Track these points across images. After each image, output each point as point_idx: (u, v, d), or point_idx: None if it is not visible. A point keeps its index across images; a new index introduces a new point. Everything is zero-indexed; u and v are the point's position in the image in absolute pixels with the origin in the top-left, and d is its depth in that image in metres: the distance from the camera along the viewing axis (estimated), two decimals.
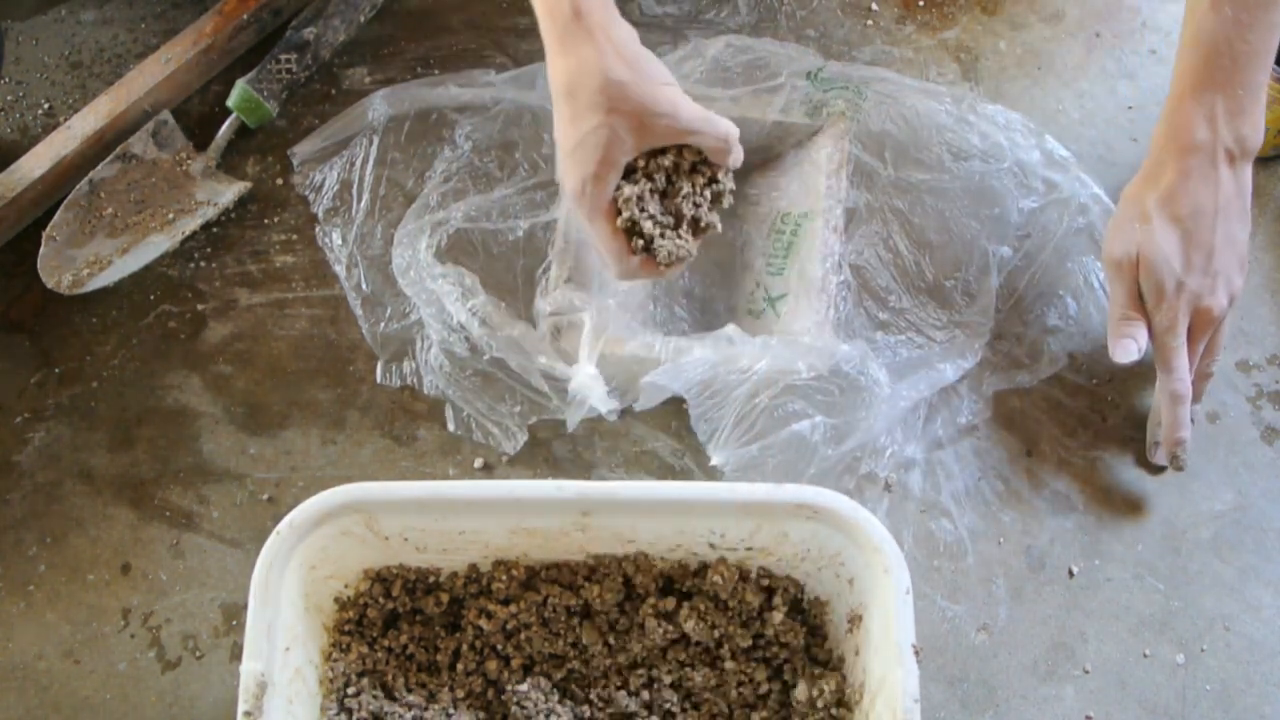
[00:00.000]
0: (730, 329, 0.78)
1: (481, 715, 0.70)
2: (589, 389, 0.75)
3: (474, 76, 0.91)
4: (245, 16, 0.91)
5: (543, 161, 0.89)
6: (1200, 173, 0.76)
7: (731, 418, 0.77)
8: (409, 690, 0.70)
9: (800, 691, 0.69)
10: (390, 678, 0.70)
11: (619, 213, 0.71)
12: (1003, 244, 0.87)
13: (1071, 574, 0.79)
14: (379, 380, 0.83)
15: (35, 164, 0.85)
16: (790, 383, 0.76)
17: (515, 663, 0.71)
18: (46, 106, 0.93)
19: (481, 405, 0.82)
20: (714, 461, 0.78)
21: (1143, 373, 0.85)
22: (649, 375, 0.77)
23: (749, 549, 0.70)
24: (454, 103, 0.91)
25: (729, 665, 0.71)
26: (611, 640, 0.71)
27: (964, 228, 0.87)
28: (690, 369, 0.76)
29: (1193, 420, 0.81)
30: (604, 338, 0.76)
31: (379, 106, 0.90)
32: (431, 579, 0.72)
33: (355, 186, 0.88)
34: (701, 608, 0.71)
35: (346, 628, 0.71)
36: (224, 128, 0.90)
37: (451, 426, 0.82)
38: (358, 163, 0.89)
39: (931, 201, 0.87)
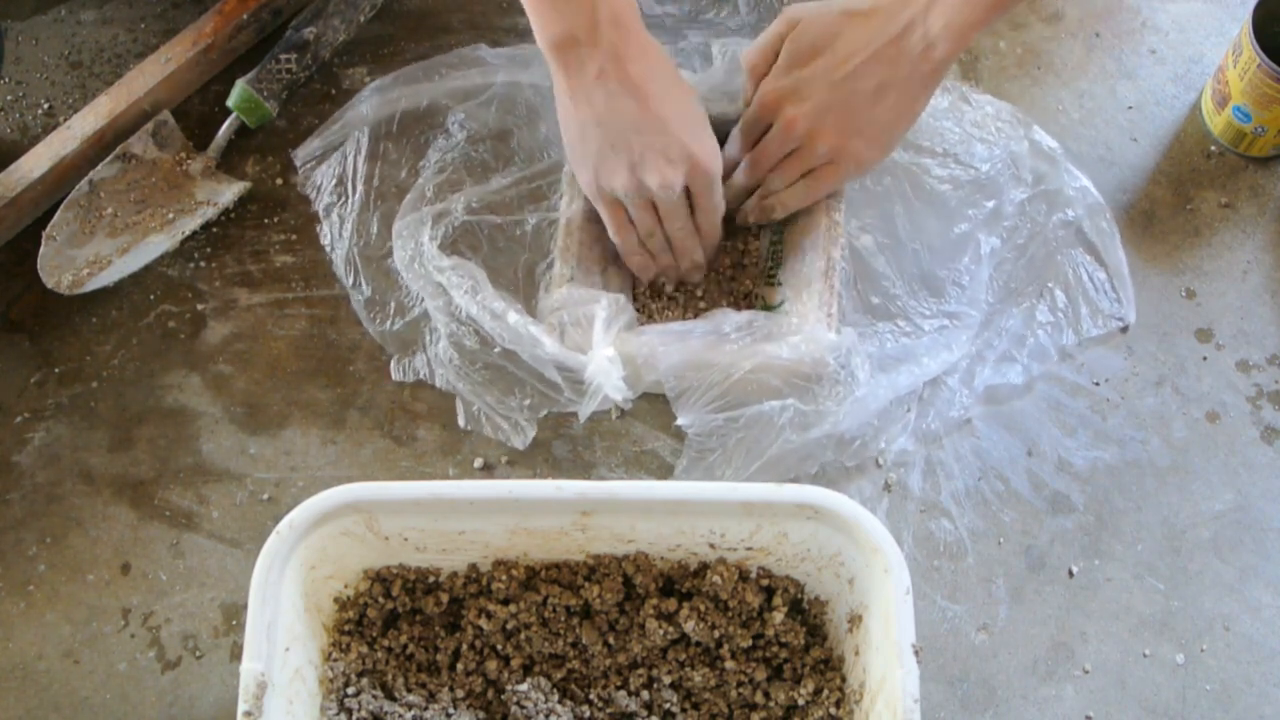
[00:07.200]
0: (719, 311, 0.78)
1: (481, 715, 0.70)
2: (606, 373, 0.75)
3: (465, 55, 0.90)
4: (245, 16, 0.91)
5: (539, 150, 0.88)
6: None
7: (704, 382, 0.77)
8: (409, 690, 0.70)
9: (800, 692, 0.69)
10: (390, 678, 0.70)
11: None
12: (993, 234, 0.86)
13: (1071, 574, 0.79)
14: (394, 377, 0.83)
15: (35, 164, 0.85)
16: (768, 361, 0.76)
17: (515, 663, 0.71)
18: (46, 106, 0.93)
19: (491, 399, 0.82)
20: (679, 421, 0.78)
21: (1143, 372, 0.85)
22: (640, 336, 0.77)
23: (749, 549, 0.70)
24: (447, 88, 0.90)
25: (729, 665, 0.71)
26: (611, 640, 0.71)
27: (961, 216, 0.86)
28: (675, 326, 0.77)
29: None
30: (617, 328, 0.76)
31: (372, 98, 0.89)
32: (431, 579, 0.72)
33: (350, 180, 0.88)
34: (701, 608, 0.70)
35: (346, 628, 0.71)
36: (224, 128, 0.90)
37: (462, 421, 0.82)
38: (351, 155, 0.88)
39: (933, 185, 0.87)
